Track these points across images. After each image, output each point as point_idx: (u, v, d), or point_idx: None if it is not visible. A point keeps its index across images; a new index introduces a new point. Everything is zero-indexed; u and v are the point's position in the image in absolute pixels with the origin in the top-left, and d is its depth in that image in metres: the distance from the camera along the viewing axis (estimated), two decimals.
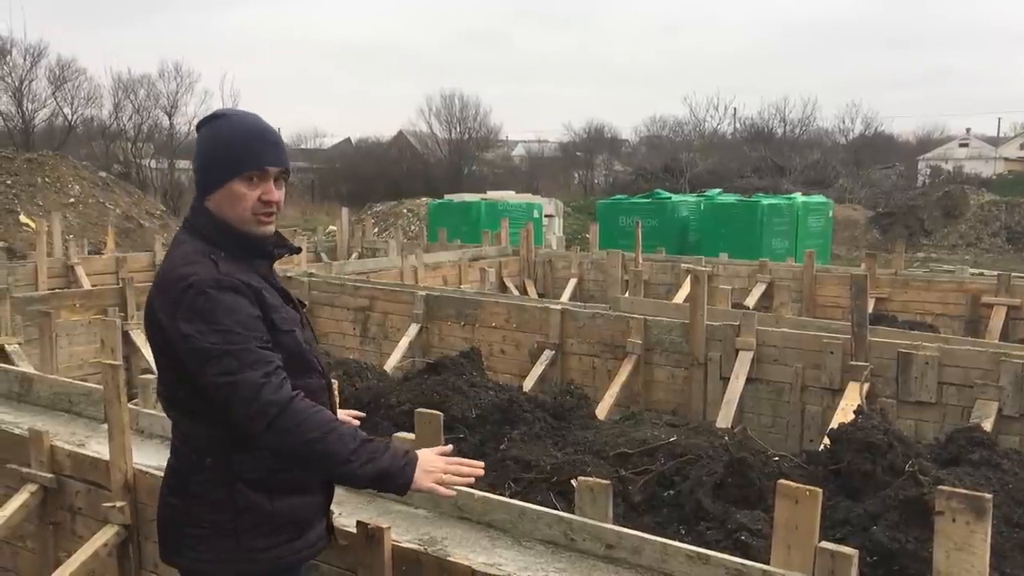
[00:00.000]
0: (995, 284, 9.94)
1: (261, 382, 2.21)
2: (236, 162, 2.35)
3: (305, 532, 2.48)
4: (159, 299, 2.33)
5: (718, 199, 20.32)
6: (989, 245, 26.92)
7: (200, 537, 2.39)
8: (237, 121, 2.43)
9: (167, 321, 2.27)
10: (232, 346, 2.22)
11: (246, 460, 2.35)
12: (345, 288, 9.70)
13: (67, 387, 4.59)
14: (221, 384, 2.21)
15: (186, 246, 2.38)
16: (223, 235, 2.37)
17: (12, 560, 4.14)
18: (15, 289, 9.83)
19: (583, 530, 2.88)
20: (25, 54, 34.37)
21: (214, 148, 2.39)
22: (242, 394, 2.20)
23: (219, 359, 2.21)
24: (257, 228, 2.40)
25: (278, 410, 2.20)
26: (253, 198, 2.36)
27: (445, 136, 46.36)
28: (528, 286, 13.32)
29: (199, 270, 2.28)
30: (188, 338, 2.23)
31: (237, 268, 2.34)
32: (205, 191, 2.40)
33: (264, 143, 2.39)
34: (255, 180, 2.36)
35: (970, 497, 2.40)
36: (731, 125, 50.74)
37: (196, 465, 2.39)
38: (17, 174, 20.89)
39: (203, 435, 2.37)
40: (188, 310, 2.23)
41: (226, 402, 2.23)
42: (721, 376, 7.00)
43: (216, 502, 2.37)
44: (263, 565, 2.40)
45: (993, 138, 61.70)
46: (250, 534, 2.37)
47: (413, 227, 25.48)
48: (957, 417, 6.03)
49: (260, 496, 2.37)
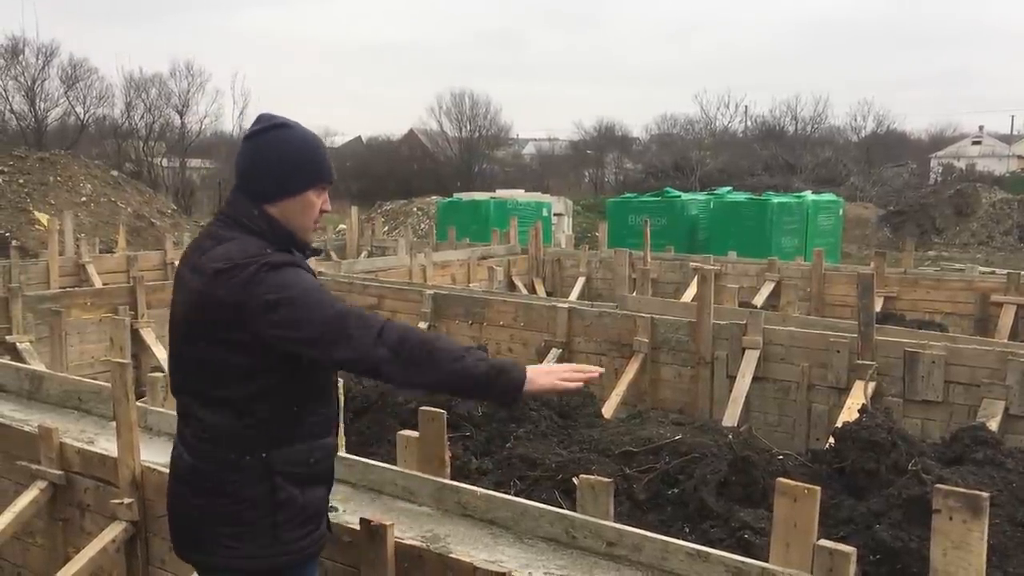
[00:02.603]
0: (1004, 283, 9.91)
1: (359, 312, 2.34)
2: (314, 174, 2.46)
3: (323, 522, 2.61)
4: (226, 288, 2.30)
5: (728, 197, 20.25)
6: (1001, 243, 26.80)
7: (237, 535, 2.42)
8: (304, 134, 2.51)
9: (247, 303, 2.28)
10: (322, 296, 2.33)
11: (284, 454, 2.42)
12: (354, 287, 9.74)
13: (76, 385, 4.63)
14: (329, 319, 2.29)
15: (238, 242, 2.39)
16: (281, 239, 2.43)
17: (22, 556, 4.19)
18: (27, 287, 9.91)
19: (584, 528, 2.90)
20: (37, 53, 34.70)
21: (288, 157, 2.44)
22: (349, 321, 2.30)
23: (319, 306, 2.30)
24: (310, 236, 2.55)
25: (381, 324, 2.32)
26: (319, 208, 2.49)
27: (455, 135, 46.43)
28: (537, 285, 13.33)
29: (272, 255, 2.35)
30: (281, 304, 2.27)
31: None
32: (271, 196, 2.43)
33: (327, 157, 2.53)
34: (320, 190, 2.49)
35: (967, 496, 2.41)
36: (742, 123, 50.83)
37: (233, 464, 2.40)
38: (29, 173, 21.02)
39: (249, 433, 2.39)
40: (272, 281, 2.29)
41: (335, 339, 2.29)
42: (727, 375, 7.00)
43: (254, 498, 2.41)
44: (296, 556, 2.48)
45: (1006, 136, 61.34)
46: (286, 526, 2.44)
47: (423, 225, 25.54)
48: (964, 416, 6.01)
49: (295, 489, 2.44)
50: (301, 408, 2.44)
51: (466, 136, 46.08)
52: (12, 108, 34.49)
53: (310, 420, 2.47)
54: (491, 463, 4.76)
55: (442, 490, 3.23)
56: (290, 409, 2.42)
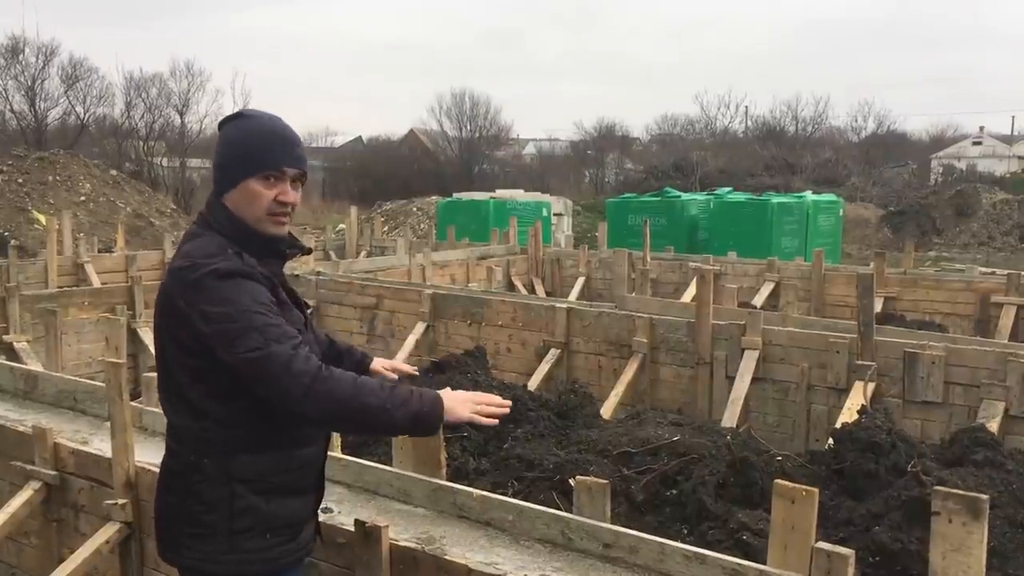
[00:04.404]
0: (1005, 284, 9.89)
1: (291, 354, 2.23)
2: (254, 161, 2.39)
3: (299, 534, 2.50)
4: (177, 287, 2.31)
5: (728, 198, 20.22)
6: (1002, 244, 26.76)
7: (197, 536, 2.39)
8: (258, 121, 2.47)
9: (187, 308, 2.27)
10: (258, 322, 2.24)
11: (246, 462, 2.36)
12: (353, 286, 9.72)
13: (72, 385, 4.61)
14: (251, 360, 2.22)
15: (203, 239, 2.39)
16: (239, 232, 2.40)
17: (16, 556, 4.17)
18: (25, 287, 9.90)
19: (581, 529, 2.88)
20: (38, 53, 34.64)
21: (234, 146, 2.43)
22: (273, 368, 2.21)
23: (246, 336, 2.22)
24: (271, 228, 2.43)
25: (311, 378, 2.22)
26: (269, 198, 2.39)
27: (456, 135, 46.44)
28: (536, 285, 13.31)
29: (220, 260, 2.30)
30: (212, 319, 2.24)
31: (260, 265, 2.39)
32: (223, 188, 2.43)
33: (283, 144, 2.43)
34: (272, 180, 2.40)
35: (967, 498, 2.38)
36: (742, 123, 50.74)
37: (194, 466, 2.38)
38: (28, 172, 21.03)
39: (207, 436, 2.36)
40: (210, 292, 2.25)
41: (257, 378, 2.24)
42: (727, 375, 6.99)
43: (212, 503, 2.37)
44: (257, 566, 2.41)
45: (1007, 136, 61.26)
46: (245, 535, 2.38)
47: (423, 225, 25.52)
48: (963, 417, 6.00)
49: (257, 498, 2.38)
50: (263, 414, 2.34)
51: (466, 136, 46.08)
52: (12, 108, 34.50)
53: (282, 428, 2.39)
54: (488, 464, 4.74)
55: (438, 491, 3.21)
56: (251, 414, 2.34)
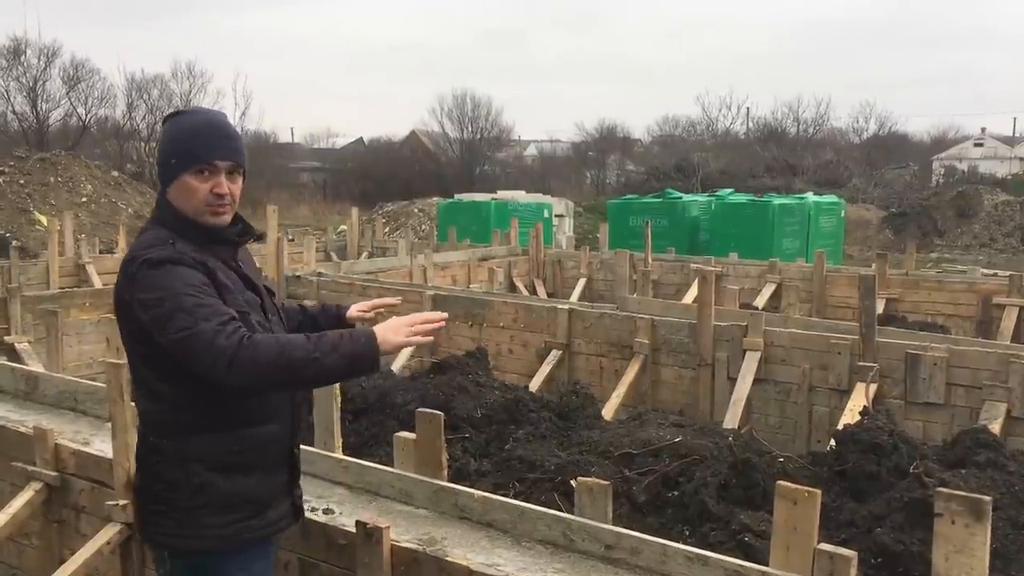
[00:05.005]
0: (1007, 285, 9.88)
1: (215, 330, 2.28)
2: (188, 156, 2.48)
3: (263, 511, 2.56)
4: (121, 280, 2.46)
5: (729, 199, 20.20)
6: (1003, 245, 26.71)
7: (161, 513, 2.51)
8: (192, 117, 2.59)
9: (129, 298, 2.40)
10: (187, 303, 2.31)
11: (203, 441, 2.47)
12: (353, 287, 9.71)
13: (72, 386, 4.61)
14: (179, 340, 2.29)
15: (148, 234, 2.52)
16: (181, 224, 2.50)
17: (17, 557, 4.17)
18: (27, 288, 9.90)
19: (582, 531, 2.88)
20: (39, 54, 34.71)
21: (170, 143, 2.54)
22: (198, 345, 2.28)
23: (175, 317, 2.30)
24: (210, 219, 2.51)
25: (233, 349, 2.27)
26: (205, 191, 2.48)
27: (457, 136, 46.42)
28: (537, 286, 13.30)
29: (154, 251, 2.41)
30: (146, 306, 2.35)
31: (195, 252, 2.45)
32: (165, 184, 2.54)
33: (215, 138, 2.51)
34: (206, 173, 2.48)
35: (969, 499, 2.38)
36: (744, 125, 50.69)
37: (155, 447, 2.51)
38: (30, 173, 21.05)
39: (164, 418, 2.49)
40: (144, 280, 2.36)
41: (187, 357, 2.31)
42: (728, 376, 6.98)
43: (172, 482, 2.48)
44: (215, 542, 2.50)
45: (1009, 138, 61.20)
46: (203, 511, 2.48)
47: (424, 227, 25.51)
48: (966, 419, 5.99)
49: (215, 475, 2.47)
50: (215, 395, 2.41)
51: (467, 137, 46.05)
52: (14, 109, 34.59)
53: (237, 407, 2.48)
54: (490, 465, 4.73)
55: (439, 492, 3.21)
56: (203, 395, 2.42)
